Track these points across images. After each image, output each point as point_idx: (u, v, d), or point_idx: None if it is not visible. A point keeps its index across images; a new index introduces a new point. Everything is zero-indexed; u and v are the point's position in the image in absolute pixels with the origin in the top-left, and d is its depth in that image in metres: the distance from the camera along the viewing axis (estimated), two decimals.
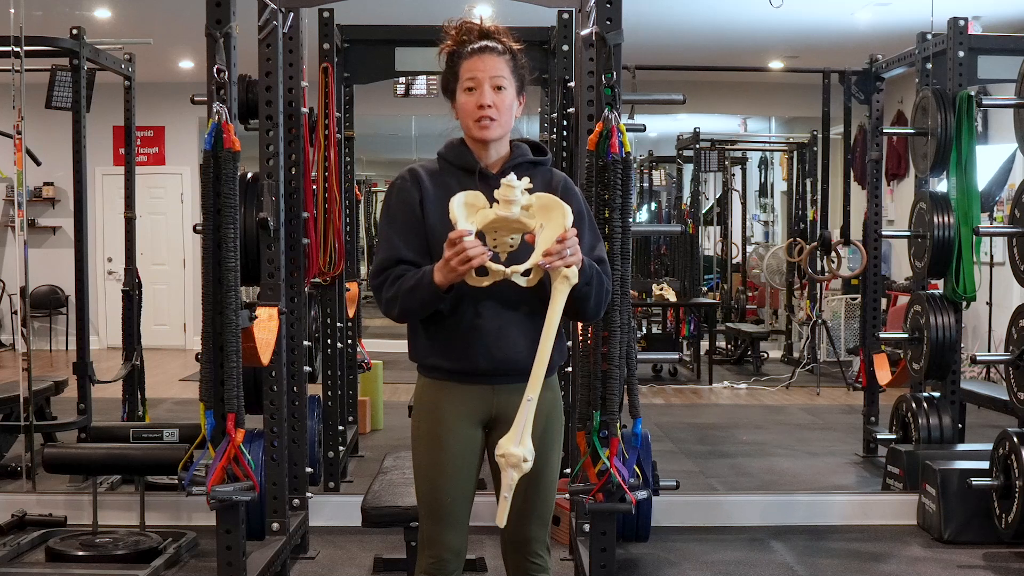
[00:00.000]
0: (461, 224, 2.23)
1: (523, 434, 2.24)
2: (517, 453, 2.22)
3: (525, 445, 2.23)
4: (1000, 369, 6.56)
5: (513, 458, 2.22)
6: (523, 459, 2.22)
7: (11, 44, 4.78)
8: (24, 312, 5.04)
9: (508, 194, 2.24)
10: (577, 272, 2.27)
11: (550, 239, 2.23)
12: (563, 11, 4.59)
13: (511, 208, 2.24)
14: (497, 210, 2.26)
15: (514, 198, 2.24)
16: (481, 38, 2.44)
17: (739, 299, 11.17)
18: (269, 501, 3.78)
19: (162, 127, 10.82)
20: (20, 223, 5.05)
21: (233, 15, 3.23)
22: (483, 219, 2.26)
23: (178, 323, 11.00)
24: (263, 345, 3.57)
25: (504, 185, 2.25)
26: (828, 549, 4.41)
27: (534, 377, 2.26)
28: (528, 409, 2.25)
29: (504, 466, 2.24)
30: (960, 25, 4.96)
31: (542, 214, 2.26)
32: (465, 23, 2.47)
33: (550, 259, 2.22)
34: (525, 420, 2.24)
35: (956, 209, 4.92)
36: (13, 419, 5.14)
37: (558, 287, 2.26)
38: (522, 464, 2.23)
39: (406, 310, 2.37)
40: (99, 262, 10.30)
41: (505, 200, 2.24)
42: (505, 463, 2.24)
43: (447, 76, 2.47)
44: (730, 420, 7.42)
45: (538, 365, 2.27)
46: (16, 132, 4.80)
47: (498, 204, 2.25)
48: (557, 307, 2.26)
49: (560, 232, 2.23)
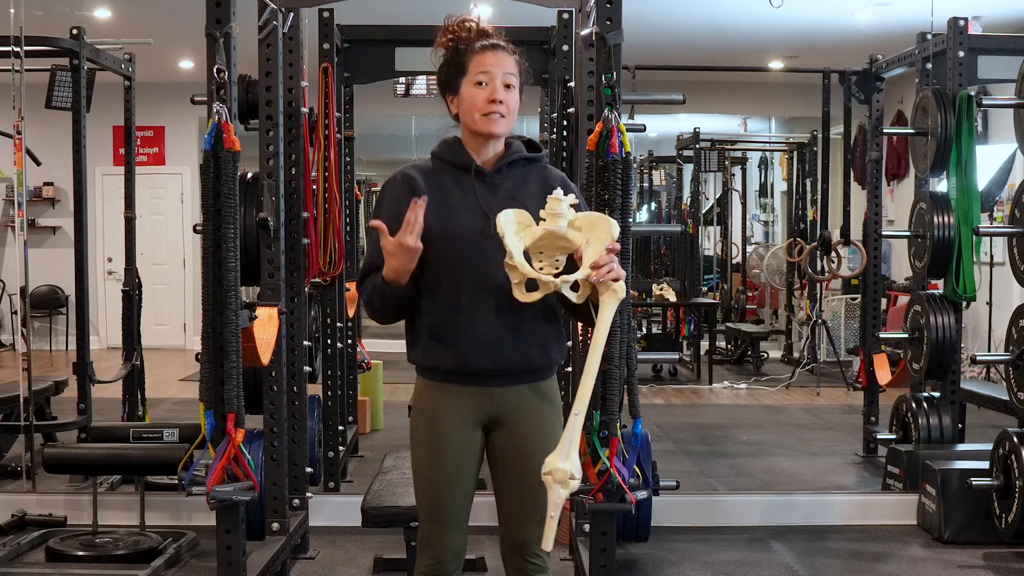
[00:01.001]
0: (509, 239, 2.20)
1: (570, 449, 2.18)
2: (565, 468, 2.16)
3: (572, 461, 2.17)
4: (1000, 369, 6.56)
5: (560, 474, 2.16)
6: (571, 475, 2.16)
7: (11, 44, 4.78)
8: (24, 312, 5.04)
9: (555, 207, 2.22)
10: (625, 287, 2.26)
11: (598, 251, 2.21)
12: (563, 11, 4.59)
13: (558, 222, 2.22)
14: (545, 225, 2.23)
15: (561, 211, 2.21)
16: (482, 37, 2.44)
17: (739, 299, 11.17)
18: (269, 501, 3.78)
19: (162, 127, 10.82)
20: (20, 223, 5.05)
21: (233, 15, 3.23)
22: (531, 236, 2.24)
23: (178, 323, 11.00)
24: (263, 345, 3.57)
25: (551, 199, 2.22)
26: (828, 549, 4.41)
27: (582, 391, 2.22)
28: (575, 424, 2.20)
29: (551, 483, 2.17)
30: (960, 25, 4.96)
31: (588, 230, 2.24)
32: (466, 20, 2.47)
33: (599, 272, 2.20)
34: (572, 435, 2.19)
35: (956, 209, 4.92)
36: (13, 419, 5.14)
37: (606, 301, 2.23)
38: (569, 481, 2.16)
39: (386, 313, 2.40)
40: (99, 262, 10.30)
41: (552, 214, 2.22)
42: (552, 480, 2.17)
43: (450, 70, 2.45)
44: (730, 420, 7.42)
45: (586, 379, 2.22)
46: (16, 132, 4.80)
47: (544, 220, 2.23)
48: (605, 321, 2.23)
49: (607, 243, 2.21)
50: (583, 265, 2.23)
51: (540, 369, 2.45)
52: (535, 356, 2.42)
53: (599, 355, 2.24)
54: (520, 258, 2.21)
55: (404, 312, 2.42)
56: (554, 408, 2.49)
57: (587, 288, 2.25)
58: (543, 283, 2.24)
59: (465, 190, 2.42)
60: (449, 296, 2.37)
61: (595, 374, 2.23)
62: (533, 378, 2.45)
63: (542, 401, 2.46)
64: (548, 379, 2.49)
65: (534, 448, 2.42)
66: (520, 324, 2.38)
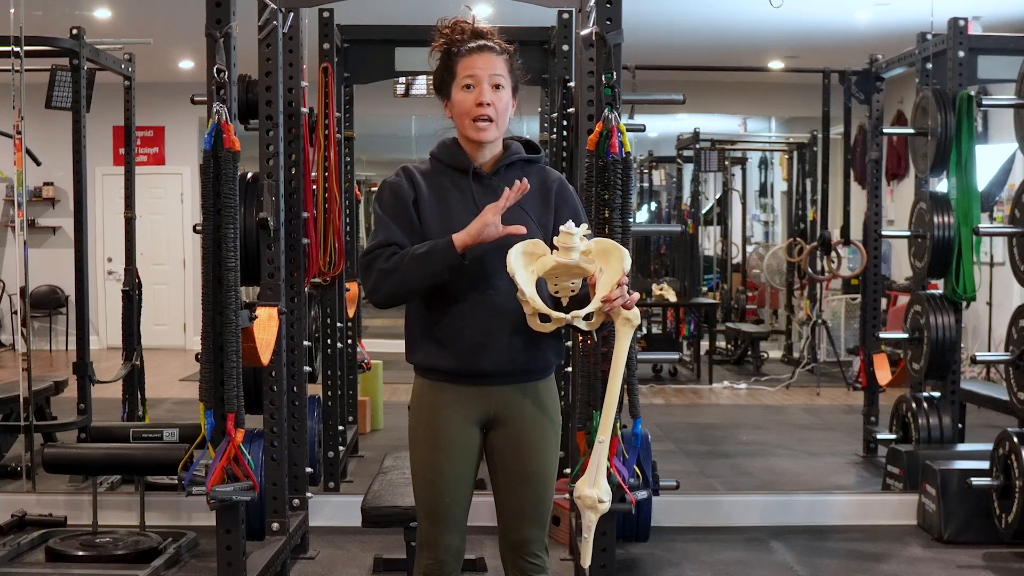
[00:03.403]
0: (519, 274, 2.23)
1: (597, 476, 2.28)
2: (592, 495, 2.27)
3: (600, 487, 2.28)
4: (1000, 369, 6.56)
5: (589, 500, 2.27)
6: (599, 500, 2.27)
7: (11, 44, 4.78)
8: (24, 312, 5.04)
9: (567, 241, 2.24)
10: (639, 313, 2.29)
11: (610, 283, 2.24)
12: (563, 11, 4.59)
13: (571, 255, 2.25)
14: (557, 257, 2.26)
15: (573, 245, 2.24)
16: (475, 37, 2.44)
17: (739, 299, 11.17)
18: (269, 501, 3.78)
19: (162, 127, 10.81)
20: (20, 223, 5.05)
21: (233, 15, 3.23)
22: (543, 267, 2.27)
23: (178, 323, 11.00)
24: (263, 345, 3.57)
25: (563, 232, 2.24)
26: (828, 549, 4.41)
27: (605, 418, 2.29)
28: (600, 452, 2.28)
29: (582, 508, 2.29)
30: (960, 25, 4.96)
31: (601, 258, 2.26)
32: (459, 22, 2.46)
33: (611, 304, 2.23)
34: (599, 462, 2.28)
35: (956, 209, 4.92)
36: (13, 419, 5.14)
37: (621, 329, 2.28)
38: (598, 505, 2.27)
39: (407, 282, 2.32)
40: (99, 262, 10.30)
41: (565, 247, 2.25)
42: (582, 505, 2.28)
43: (441, 74, 2.46)
44: (730, 420, 7.42)
45: (608, 408, 2.30)
46: (16, 132, 4.80)
47: (558, 251, 2.26)
48: (623, 349, 2.28)
49: (619, 275, 2.24)
50: (596, 295, 2.25)
51: (538, 369, 2.46)
52: (533, 356, 2.43)
53: (619, 383, 2.30)
54: (532, 292, 2.24)
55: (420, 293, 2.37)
56: (552, 408, 2.49)
57: (600, 317, 2.29)
58: (556, 319, 2.27)
59: (463, 192, 2.42)
60: (448, 297, 2.37)
61: (616, 401, 2.31)
62: (531, 378, 2.45)
63: (540, 401, 2.46)
64: (546, 379, 2.49)
65: (533, 448, 2.42)
66: (518, 325, 2.38)
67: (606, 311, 2.26)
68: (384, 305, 2.38)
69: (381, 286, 2.35)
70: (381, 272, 2.34)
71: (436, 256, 2.30)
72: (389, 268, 2.33)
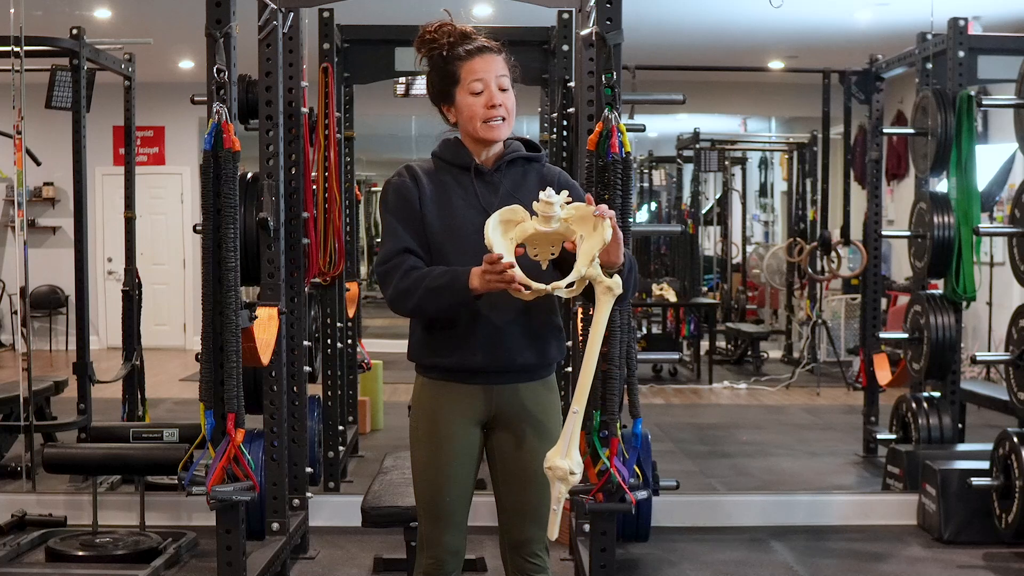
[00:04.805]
0: (497, 247, 2.21)
1: (570, 446, 2.24)
2: (563, 466, 2.23)
3: (572, 458, 2.23)
4: (1000, 369, 6.56)
5: (560, 471, 2.23)
6: (570, 471, 2.23)
7: (11, 44, 4.78)
8: (24, 312, 5.04)
9: (547, 210, 2.23)
10: (621, 282, 2.26)
11: (590, 250, 2.22)
12: (563, 11, 4.59)
13: (550, 223, 2.24)
14: (536, 224, 2.25)
15: (553, 213, 2.23)
16: (466, 39, 2.42)
17: (739, 299, 11.16)
18: (269, 501, 3.78)
19: (162, 127, 10.80)
20: (20, 223, 5.05)
21: (233, 15, 3.23)
22: (522, 233, 2.25)
23: (178, 323, 10.99)
24: (263, 345, 3.57)
25: (543, 201, 2.23)
26: (828, 549, 4.41)
27: (580, 388, 2.25)
28: (574, 421, 2.24)
29: (552, 479, 2.24)
30: (960, 25, 4.96)
31: (580, 225, 2.25)
32: (443, 25, 2.44)
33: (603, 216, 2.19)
34: (571, 432, 2.24)
35: (956, 209, 4.92)
36: (13, 419, 5.14)
37: (602, 298, 2.25)
38: (569, 477, 2.23)
39: (423, 308, 2.35)
40: (99, 262, 10.28)
41: (544, 216, 2.24)
42: (552, 476, 2.24)
43: (442, 80, 2.43)
44: (730, 420, 7.42)
45: (584, 377, 2.25)
46: (16, 132, 4.80)
47: (537, 218, 2.24)
48: (602, 319, 2.25)
49: (599, 242, 2.21)
50: (577, 261, 2.23)
51: (539, 368, 2.46)
52: (534, 355, 2.43)
53: (597, 352, 2.26)
54: (510, 259, 2.22)
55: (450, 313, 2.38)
56: (553, 407, 2.49)
57: (582, 283, 2.26)
58: (535, 288, 2.25)
59: (465, 188, 2.43)
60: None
61: (593, 371, 2.26)
62: (532, 377, 2.45)
63: (541, 400, 2.46)
64: (547, 378, 2.49)
65: (533, 447, 2.42)
66: (519, 322, 2.38)
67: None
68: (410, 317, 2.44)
69: (400, 305, 2.37)
70: (399, 292, 2.35)
71: (453, 294, 2.30)
72: (406, 288, 2.34)
